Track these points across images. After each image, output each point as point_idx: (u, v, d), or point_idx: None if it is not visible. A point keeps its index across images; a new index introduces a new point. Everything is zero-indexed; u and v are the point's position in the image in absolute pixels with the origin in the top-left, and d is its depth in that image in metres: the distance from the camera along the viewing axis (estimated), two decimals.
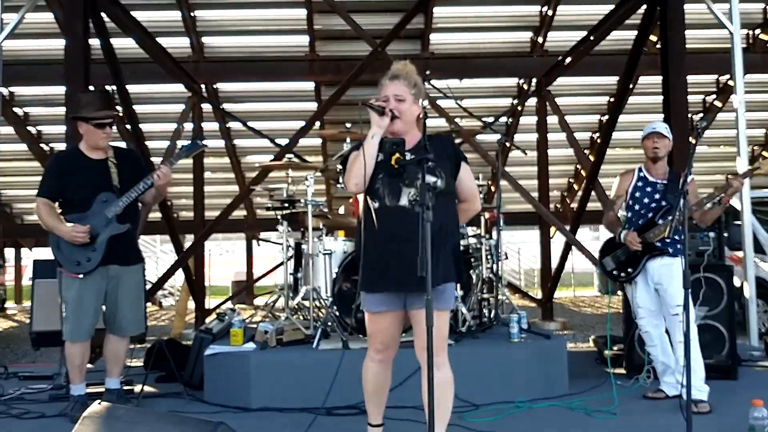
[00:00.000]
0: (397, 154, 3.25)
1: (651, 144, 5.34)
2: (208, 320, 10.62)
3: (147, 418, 3.24)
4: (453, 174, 3.72)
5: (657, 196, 5.32)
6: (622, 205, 5.59)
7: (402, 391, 5.07)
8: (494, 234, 6.83)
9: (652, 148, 5.34)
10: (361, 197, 3.75)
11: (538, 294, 15.25)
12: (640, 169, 5.49)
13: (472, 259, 6.66)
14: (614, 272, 5.48)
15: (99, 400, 3.47)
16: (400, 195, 3.57)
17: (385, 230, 3.60)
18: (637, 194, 5.40)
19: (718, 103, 14.48)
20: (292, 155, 7.98)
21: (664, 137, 5.32)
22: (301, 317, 6.28)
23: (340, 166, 3.75)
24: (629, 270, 5.38)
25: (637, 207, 5.39)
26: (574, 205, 15.13)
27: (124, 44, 10.61)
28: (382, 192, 3.61)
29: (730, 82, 11.32)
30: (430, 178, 3.44)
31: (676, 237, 5.17)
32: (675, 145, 5.54)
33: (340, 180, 3.91)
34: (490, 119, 12.38)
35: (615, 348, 6.65)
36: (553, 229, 13.44)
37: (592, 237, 25.71)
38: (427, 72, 6.91)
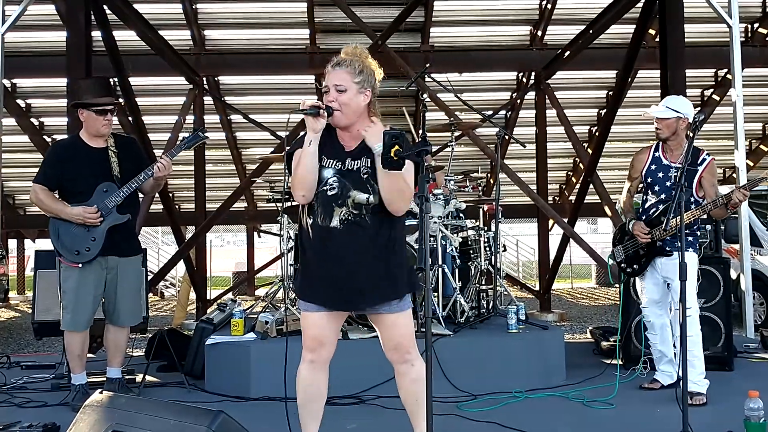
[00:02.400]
0: (397, 147, 3.26)
1: (655, 124, 5.21)
2: (209, 311, 10.68)
3: (148, 407, 3.27)
4: None
5: (668, 183, 5.16)
6: (638, 187, 5.47)
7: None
8: (492, 226, 6.88)
9: (655, 129, 5.22)
10: None
11: (536, 286, 15.32)
12: (656, 147, 5.30)
13: (471, 251, 6.72)
14: (623, 264, 5.50)
15: (100, 389, 3.50)
16: (332, 215, 3.40)
17: (317, 249, 3.48)
18: (650, 179, 5.27)
19: (716, 97, 14.50)
20: None
21: (664, 119, 5.13)
22: (299, 309, 6.31)
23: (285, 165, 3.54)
24: (635, 267, 5.40)
25: (656, 188, 5.24)
26: (573, 197, 15.16)
27: (126, 36, 10.64)
28: (317, 209, 3.45)
29: (729, 76, 11.37)
30: (361, 196, 3.36)
31: (687, 231, 5.11)
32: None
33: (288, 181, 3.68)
34: (489, 112, 12.40)
35: (612, 339, 6.70)
36: (551, 222, 13.49)
37: (590, 230, 25.77)
38: (428, 65, 6.97)
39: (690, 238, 5.15)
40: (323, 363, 3.59)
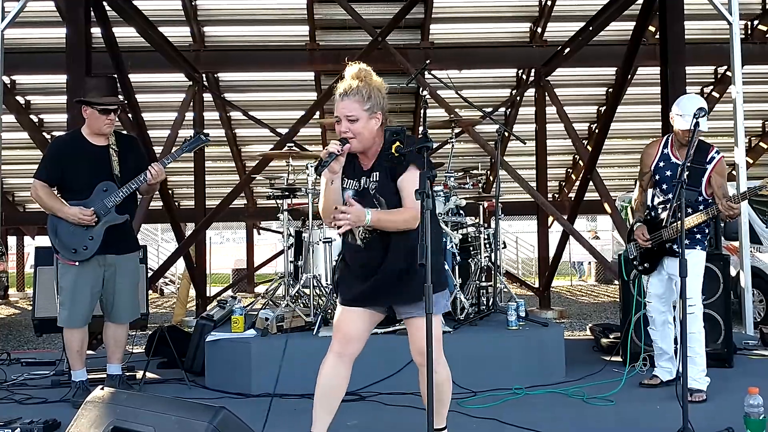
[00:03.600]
0: (398, 143, 3.27)
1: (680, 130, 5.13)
2: (209, 307, 10.68)
3: (149, 404, 3.28)
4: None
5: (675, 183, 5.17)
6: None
7: (400, 378, 5.16)
8: (492, 223, 6.88)
9: (679, 131, 5.15)
10: None
11: (535, 283, 15.33)
12: (666, 143, 5.29)
13: (471, 248, 6.73)
14: (635, 262, 5.51)
15: (101, 386, 3.51)
16: (354, 233, 3.55)
17: (348, 260, 3.66)
18: (657, 176, 5.27)
19: (716, 94, 14.49)
20: (292, 144, 7.99)
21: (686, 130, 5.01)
22: (302, 304, 6.34)
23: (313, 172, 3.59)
24: (646, 265, 5.41)
25: (664, 185, 5.23)
26: (572, 195, 15.17)
27: (125, 33, 10.63)
28: (347, 231, 3.56)
29: (728, 73, 11.37)
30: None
31: (694, 228, 5.14)
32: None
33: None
34: (489, 109, 12.40)
35: (612, 336, 6.71)
36: (550, 219, 13.49)
37: (590, 227, 25.78)
38: (427, 61, 6.97)
39: (698, 236, 5.17)
40: (349, 357, 3.65)
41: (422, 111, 3.95)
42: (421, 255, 2.93)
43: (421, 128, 3.85)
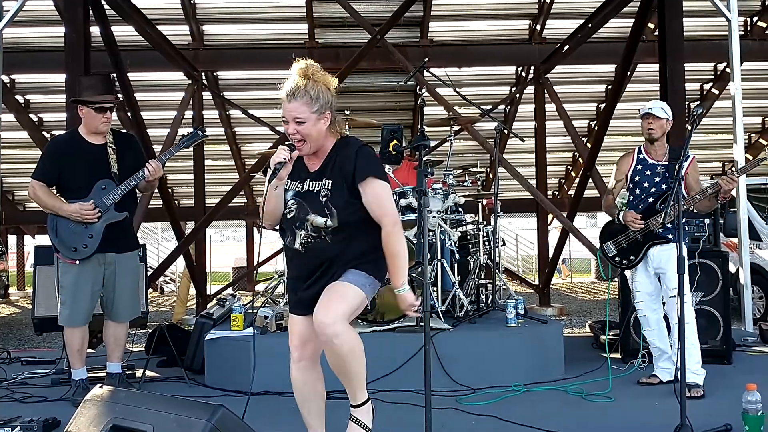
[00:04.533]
0: (395, 141, 3.29)
1: (646, 125, 5.32)
2: (208, 306, 10.69)
3: (148, 402, 3.28)
4: (351, 185, 3.37)
5: (657, 179, 5.29)
6: (622, 190, 5.59)
7: (399, 375, 5.17)
8: (491, 220, 6.89)
9: (647, 129, 5.32)
10: None
11: (535, 280, 15.34)
12: (639, 150, 5.45)
13: (470, 246, 6.73)
14: (616, 258, 5.51)
15: (101, 384, 3.51)
16: (294, 237, 3.46)
17: (294, 267, 3.60)
18: (637, 178, 5.38)
19: (715, 91, 14.51)
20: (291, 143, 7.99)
21: (659, 118, 5.27)
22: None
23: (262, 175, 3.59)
24: (632, 257, 5.40)
25: (638, 191, 5.38)
26: (572, 192, 15.18)
27: (124, 31, 10.64)
28: (284, 230, 3.55)
29: (728, 70, 11.37)
30: (319, 219, 3.37)
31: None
32: (672, 131, 5.52)
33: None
34: (488, 107, 12.40)
35: (611, 333, 6.71)
36: (550, 216, 13.50)
37: (590, 224, 25.78)
38: (426, 59, 6.97)
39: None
40: (310, 361, 3.61)
41: (420, 109, 3.96)
42: (418, 253, 2.95)
43: (419, 126, 3.85)
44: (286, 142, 3.38)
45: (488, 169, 15.21)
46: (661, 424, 4.22)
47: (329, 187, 3.38)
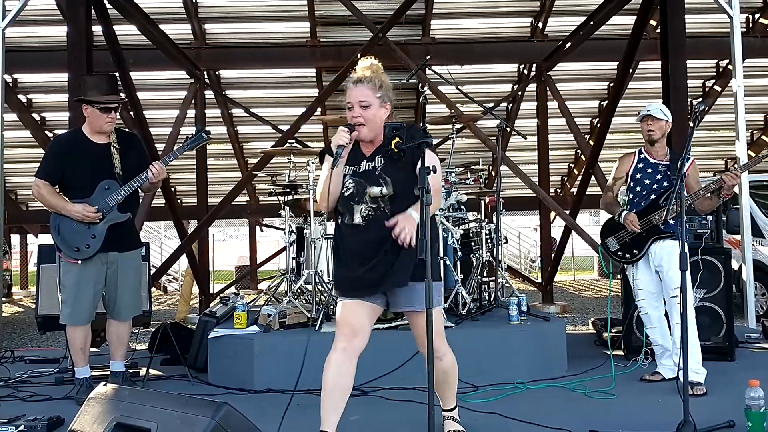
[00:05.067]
0: (397, 138, 3.30)
1: (645, 127, 5.38)
2: (212, 304, 10.70)
3: (152, 399, 3.30)
4: (412, 169, 3.51)
5: (659, 177, 5.33)
6: (621, 188, 5.62)
7: (402, 373, 5.17)
8: (494, 218, 6.89)
9: (646, 131, 5.38)
10: None
11: (538, 278, 15.33)
12: (640, 151, 5.50)
13: (472, 244, 6.74)
14: (618, 253, 5.52)
15: (104, 382, 3.52)
16: (353, 213, 3.62)
17: (347, 246, 3.70)
18: (638, 176, 5.42)
19: (717, 88, 14.49)
20: (293, 141, 8.00)
21: (658, 119, 5.32)
22: (304, 300, 6.35)
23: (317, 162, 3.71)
24: (635, 251, 5.41)
25: (638, 188, 5.41)
26: (574, 189, 15.17)
27: (126, 30, 10.64)
28: (342, 211, 3.70)
29: (730, 67, 11.35)
30: (374, 189, 3.54)
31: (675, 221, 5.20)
32: (674, 129, 5.55)
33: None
34: (491, 105, 12.40)
35: (614, 330, 6.71)
36: (553, 214, 13.49)
37: (593, 221, 25.77)
38: (428, 57, 6.97)
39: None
40: (354, 352, 3.65)
41: (422, 107, 3.98)
42: (420, 249, 2.96)
43: (420, 124, 3.88)
44: (345, 125, 3.57)
45: (490, 167, 15.20)
46: (664, 420, 4.23)
47: (382, 162, 3.61)
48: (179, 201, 16.77)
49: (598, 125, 13.93)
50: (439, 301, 3.81)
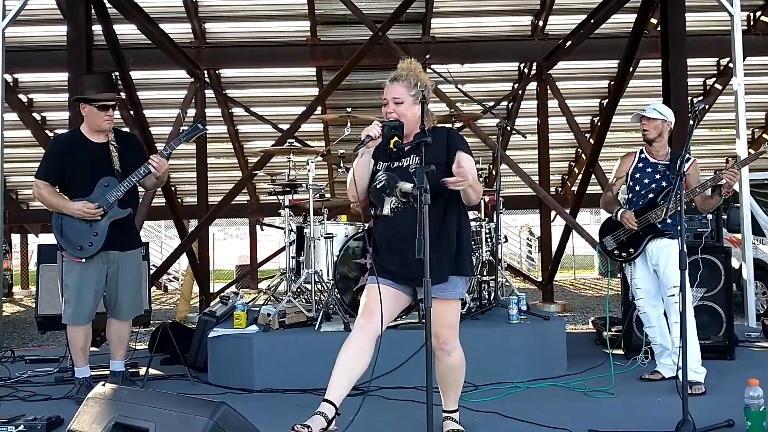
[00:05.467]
0: (396, 138, 3.31)
1: (641, 127, 5.40)
2: (212, 304, 10.70)
3: (150, 399, 3.29)
4: (446, 165, 3.70)
5: (658, 177, 5.34)
6: (621, 187, 5.63)
7: (402, 372, 5.17)
8: (494, 217, 6.89)
9: (642, 131, 5.40)
10: None
11: (539, 277, 15.32)
12: (641, 151, 5.52)
13: (473, 242, 6.73)
14: (615, 252, 5.53)
15: (103, 382, 3.52)
16: (383, 205, 3.75)
17: (382, 236, 3.85)
18: (638, 175, 5.43)
19: (718, 86, 14.47)
20: (293, 140, 8.01)
21: (652, 119, 5.33)
22: (304, 300, 6.35)
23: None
24: (631, 250, 5.42)
25: (638, 188, 5.42)
26: (575, 188, 15.16)
27: (126, 30, 10.65)
28: (374, 202, 3.82)
29: (731, 65, 11.34)
30: (407, 185, 3.57)
31: (672, 220, 5.20)
32: (675, 127, 5.54)
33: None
34: (491, 103, 12.39)
35: (613, 329, 6.71)
36: (553, 213, 13.49)
37: (593, 220, 25.76)
38: (427, 56, 6.97)
39: (678, 227, 5.18)
40: (372, 331, 3.75)
41: (422, 105, 3.98)
42: (419, 250, 2.96)
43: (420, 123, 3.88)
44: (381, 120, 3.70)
45: (490, 166, 15.19)
46: (663, 420, 4.22)
47: (417, 162, 3.66)
48: (179, 200, 16.76)
49: (599, 124, 13.91)
50: (462, 294, 3.86)
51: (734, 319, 6.16)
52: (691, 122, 4.55)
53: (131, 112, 10.61)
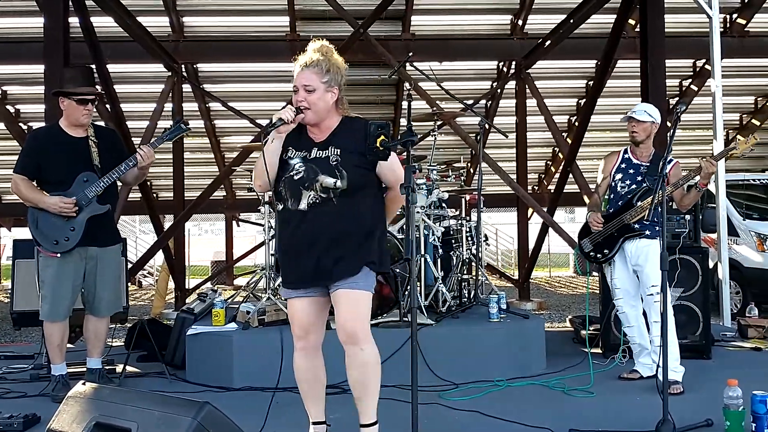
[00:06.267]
0: (382, 137, 3.28)
1: (630, 128, 5.41)
2: (188, 300, 10.62)
3: (132, 399, 3.25)
4: (366, 163, 3.50)
5: (639, 178, 5.37)
6: (607, 188, 5.64)
7: (385, 369, 5.13)
8: (474, 216, 6.89)
9: (630, 132, 5.41)
10: None
11: (515, 274, 15.38)
12: (625, 151, 5.52)
13: (453, 241, 6.74)
14: (591, 253, 5.56)
15: (83, 381, 3.48)
16: (300, 198, 3.51)
17: (288, 233, 3.58)
18: (619, 176, 5.46)
19: (694, 87, 14.60)
20: None
21: (641, 121, 5.34)
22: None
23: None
24: (605, 251, 5.45)
25: (618, 188, 5.45)
26: (552, 187, 15.23)
27: (104, 23, 10.53)
28: (285, 195, 3.57)
29: (707, 66, 11.44)
30: (329, 180, 3.45)
31: (656, 219, 5.22)
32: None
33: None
34: (470, 102, 12.41)
35: (591, 328, 6.74)
36: (530, 211, 13.54)
37: (569, 219, 25.91)
38: (410, 54, 6.96)
39: (657, 228, 5.23)
40: (314, 349, 3.69)
41: (407, 104, 3.96)
42: (406, 250, 2.94)
43: (404, 120, 3.86)
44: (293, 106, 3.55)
45: (469, 164, 15.23)
46: (643, 419, 4.25)
47: (338, 154, 3.51)
48: (155, 195, 16.64)
49: (576, 123, 14.00)
50: (371, 287, 3.57)
51: (710, 319, 6.22)
52: (669, 124, 4.59)
53: (107, 106, 10.49)
